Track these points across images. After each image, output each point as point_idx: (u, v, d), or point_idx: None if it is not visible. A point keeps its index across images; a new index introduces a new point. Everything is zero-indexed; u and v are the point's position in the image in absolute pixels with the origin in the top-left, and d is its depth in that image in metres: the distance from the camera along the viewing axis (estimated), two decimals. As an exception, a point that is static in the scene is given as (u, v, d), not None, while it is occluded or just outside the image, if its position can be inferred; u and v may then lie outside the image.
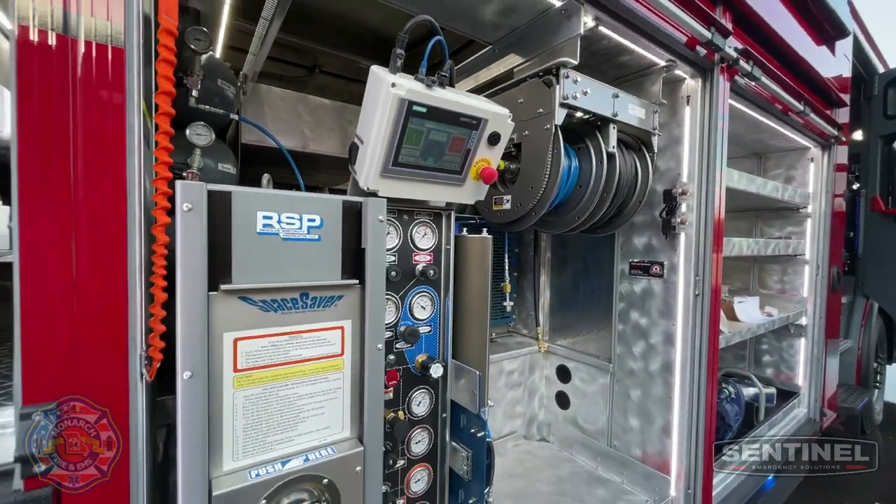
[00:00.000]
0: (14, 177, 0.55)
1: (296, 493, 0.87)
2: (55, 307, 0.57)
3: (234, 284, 0.81)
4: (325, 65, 3.01)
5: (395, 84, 0.93)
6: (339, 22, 2.32)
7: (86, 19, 0.52)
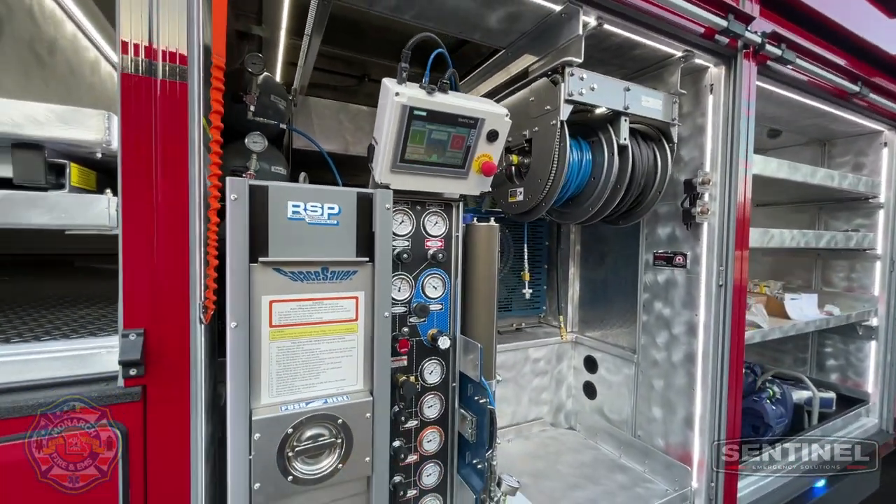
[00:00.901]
0: (119, 176, 0.81)
1: (316, 428, 1.08)
2: (144, 266, 0.82)
3: (269, 258, 1.04)
4: (374, 73, 3.28)
5: (398, 93, 1.10)
6: (385, 33, 2.55)
7: (163, 66, 0.76)
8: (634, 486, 1.90)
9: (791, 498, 1.99)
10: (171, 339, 0.83)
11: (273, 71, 2.58)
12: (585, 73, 1.51)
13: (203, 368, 0.89)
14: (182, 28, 0.81)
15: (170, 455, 0.83)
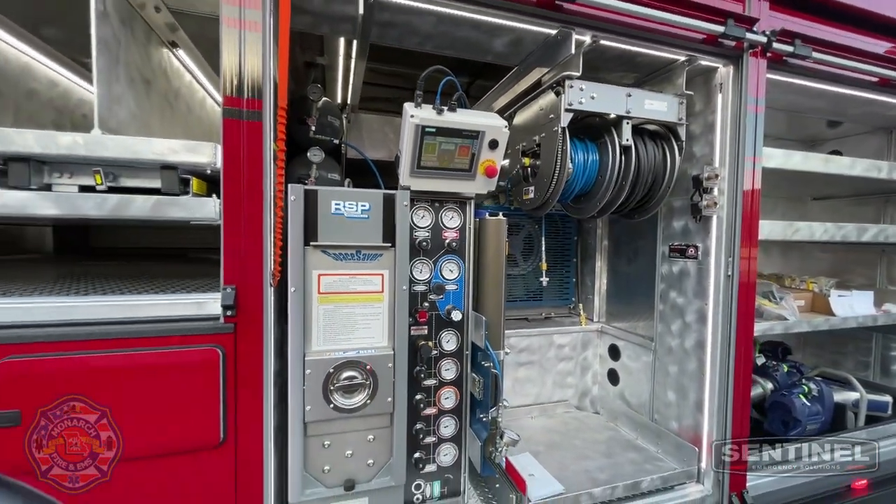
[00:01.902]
0: (221, 186, 1.22)
1: (351, 370, 1.44)
2: (235, 244, 1.22)
3: (318, 242, 1.41)
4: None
5: (413, 115, 1.42)
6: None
7: (247, 112, 1.15)
8: (644, 463, 2.03)
9: (810, 496, 1.98)
10: (251, 295, 1.22)
11: (334, 89, 3.02)
12: (585, 84, 1.71)
13: (272, 317, 1.27)
14: (259, 87, 1.20)
15: (251, 372, 1.23)
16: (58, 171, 1.16)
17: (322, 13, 1.49)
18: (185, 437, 1.15)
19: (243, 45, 1.16)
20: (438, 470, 1.71)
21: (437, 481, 1.73)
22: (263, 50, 1.18)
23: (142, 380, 1.11)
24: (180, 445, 1.15)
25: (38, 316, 1.08)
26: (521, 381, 2.57)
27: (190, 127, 1.94)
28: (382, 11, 1.46)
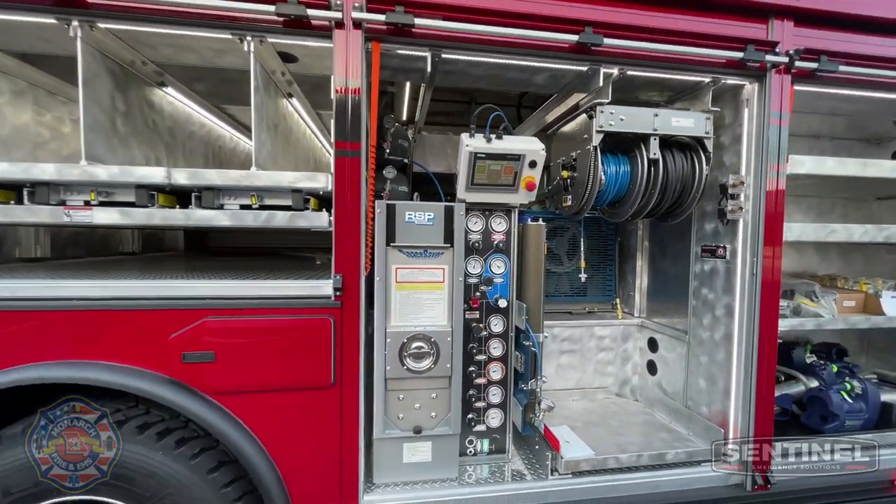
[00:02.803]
0: (333, 203, 1.71)
1: (419, 341, 1.87)
2: (342, 244, 1.71)
3: (396, 243, 1.86)
4: (479, 98, 4.04)
5: (467, 144, 1.83)
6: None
7: (350, 152, 1.63)
8: (673, 441, 2.26)
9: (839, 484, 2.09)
10: (352, 281, 1.69)
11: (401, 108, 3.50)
12: (614, 108, 2.00)
13: (363, 299, 1.74)
14: (358, 133, 1.67)
15: (351, 337, 1.70)
16: (227, 195, 1.72)
17: (399, 68, 1.94)
18: (310, 378, 1.65)
19: (348, 104, 1.64)
20: (487, 430, 2.10)
21: (486, 439, 2.12)
22: (361, 107, 1.65)
23: (283, 336, 1.63)
24: (307, 384, 1.66)
25: (218, 292, 1.64)
26: (564, 367, 2.88)
27: (298, 156, 2.51)
28: (446, 64, 1.88)
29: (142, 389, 1.50)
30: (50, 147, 2.19)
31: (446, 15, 1.66)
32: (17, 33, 1.70)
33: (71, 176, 1.58)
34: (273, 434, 1.64)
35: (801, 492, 2.10)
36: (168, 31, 1.58)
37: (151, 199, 1.65)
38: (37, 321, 1.52)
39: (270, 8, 1.53)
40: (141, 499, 1.56)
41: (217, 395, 1.59)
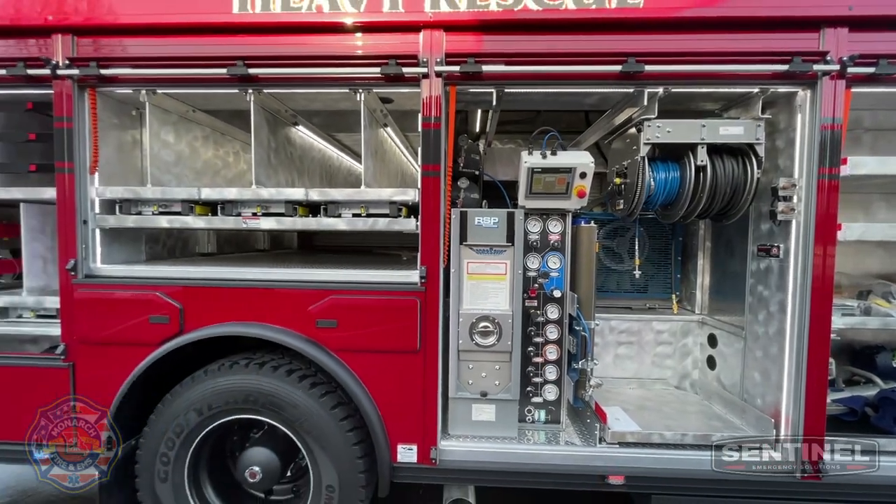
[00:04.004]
0: (420, 211, 2.22)
1: (485, 322, 2.31)
2: (426, 243, 2.21)
3: (467, 242, 2.32)
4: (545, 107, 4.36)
5: (526, 161, 2.22)
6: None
7: (432, 173, 2.12)
8: (724, 429, 2.41)
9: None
10: (433, 271, 2.19)
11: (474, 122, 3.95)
12: (661, 122, 2.24)
13: (442, 287, 2.23)
14: (438, 157, 2.16)
15: (432, 314, 2.20)
16: (345, 207, 2.32)
17: (470, 101, 2.40)
18: (402, 344, 2.19)
19: (430, 135, 2.14)
20: (544, 402, 2.47)
21: (542, 410, 2.49)
22: (441, 137, 2.14)
23: (383, 311, 2.19)
24: (400, 348, 2.19)
25: (340, 278, 2.25)
26: (621, 357, 3.11)
27: (390, 171, 3.11)
28: (508, 95, 2.29)
29: (292, 344, 2.16)
30: (222, 173, 3.04)
31: (507, 61, 2.08)
32: (210, 99, 2.49)
33: (246, 196, 2.30)
34: (376, 384, 2.21)
35: (847, 487, 2.13)
36: (307, 91, 2.22)
37: (294, 211, 2.32)
38: (225, 295, 2.26)
39: (377, 70, 2.08)
40: (288, 421, 2.22)
41: (338, 351, 2.20)
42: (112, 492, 2.31)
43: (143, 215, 2.37)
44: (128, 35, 2.18)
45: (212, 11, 2.14)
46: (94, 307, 2.25)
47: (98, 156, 2.28)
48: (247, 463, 2.32)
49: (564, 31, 2.08)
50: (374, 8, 2.10)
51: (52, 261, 2.55)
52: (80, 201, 2.25)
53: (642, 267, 3.22)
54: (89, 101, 2.25)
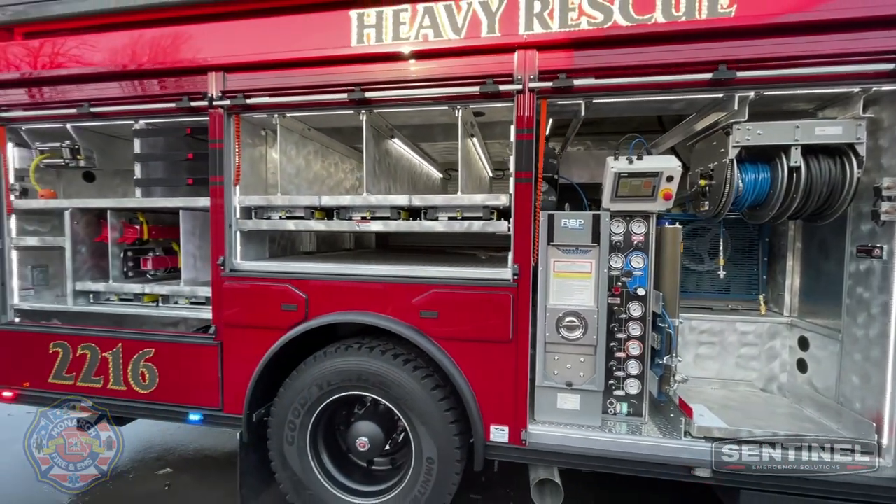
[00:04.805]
0: (512, 214, 2.45)
1: (571, 316, 2.48)
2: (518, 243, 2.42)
3: (554, 242, 2.51)
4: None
5: (612, 166, 2.36)
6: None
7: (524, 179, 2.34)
8: (818, 432, 2.39)
9: None
10: (524, 269, 2.40)
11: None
12: (751, 124, 2.28)
13: (531, 281, 2.44)
14: (530, 164, 2.37)
15: (522, 309, 2.41)
16: (442, 211, 2.60)
17: (557, 111, 2.58)
18: (495, 334, 2.43)
19: (523, 146, 2.35)
20: (626, 395, 2.59)
21: (624, 403, 2.61)
22: (532, 147, 2.35)
23: (479, 304, 2.44)
24: (493, 338, 2.43)
25: (440, 274, 2.53)
26: (702, 357, 3.12)
27: (473, 176, 3.37)
28: (595, 105, 2.45)
29: (402, 332, 2.48)
30: (326, 182, 3.47)
31: (597, 74, 2.24)
32: (325, 119, 2.89)
33: (357, 202, 2.66)
34: (472, 369, 2.47)
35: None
36: (413, 109, 2.53)
37: (398, 215, 2.64)
38: (341, 287, 2.63)
39: (476, 88, 2.34)
40: (394, 398, 2.54)
41: (439, 339, 2.49)
42: (249, 451, 2.78)
43: (272, 220, 2.82)
44: (266, 69, 2.62)
45: (334, 46, 2.51)
46: (237, 296, 2.72)
47: (240, 170, 2.75)
48: (356, 434, 2.68)
49: (654, 43, 2.20)
50: (473, 34, 2.36)
51: (200, 257, 3.09)
52: (227, 208, 2.73)
53: (724, 267, 3.21)
54: (234, 125, 2.72)
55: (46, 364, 2.99)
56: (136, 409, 2.91)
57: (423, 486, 2.54)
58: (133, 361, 2.86)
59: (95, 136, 3.21)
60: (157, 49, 2.76)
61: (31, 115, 2.95)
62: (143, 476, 3.43)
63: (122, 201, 3.00)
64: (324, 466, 2.77)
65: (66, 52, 2.88)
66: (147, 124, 2.90)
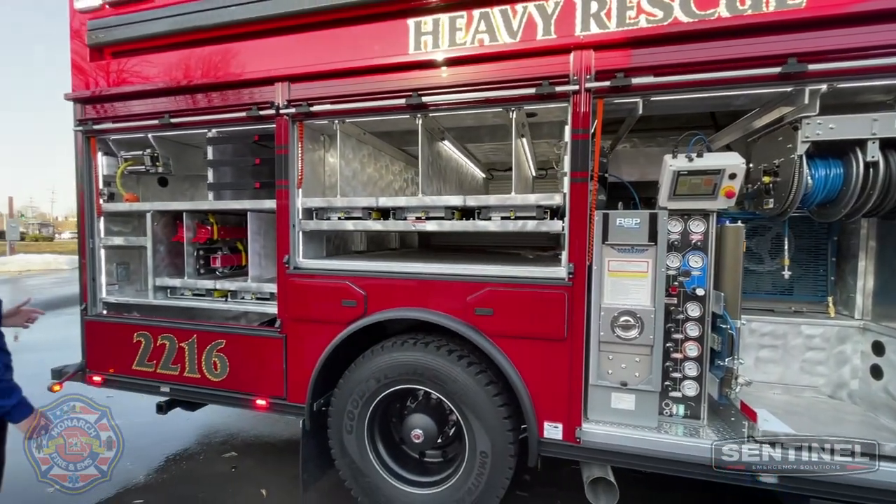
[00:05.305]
0: (567, 212, 2.47)
1: (627, 315, 2.47)
2: (573, 242, 2.45)
3: (609, 241, 2.51)
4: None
5: (671, 164, 2.34)
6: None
7: (579, 178, 2.36)
8: (894, 439, 2.26)
9: None
10: (580, 268, 2.42)
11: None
12: (822, 118, 2.19)
13: (586, 281, 2.45)
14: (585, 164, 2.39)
15: (577, 308, 2.43)
16: (494, 211, 2.66)
17: (612, 110, 2.57)
18: (550, 332, 2.46)
19: (579, 145, 2.37)
20: (682, 397, 2.55)
21: (681, 405, 2.57)
22: (588, 146, 2.37)
23: (534, 302, 2.48)
24: (548, 336, 2.47)
25: (495, 273, 2.59)
26: (763, 360, 3.01)
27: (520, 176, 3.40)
28: (653, 103, 2.42)
29: (456, 328, 2.56)
30: (377, 184, 3.61)
31: (656, 72, 2.23)
32: (379, 123, 3.01)
33: (412, 203, 2.77)
34: (526, 366, 2.51)
35: None
36: (467, 112, 2.61)
37: (452, 215, 2.72)
38: (397, 284, 2.74)
39: (531, 90, 2.38)
40: (449, 393, 2.63)
41: (493, 336, 2.55)
42: (309, 439, 2.95)
43: (331, 220, 2.97)
44: (328, 78, 2.77)
45: (392, 54, 2.62)
46: (301, 292, 2.89)
47: (303, 174, 2.92)
48: (411, 426, 2.79)
49: (717, 39, 2.16)
50: (528, 36, 2.40)
51: (265, 256, 3.30)
52: (291, 210, 2.91)
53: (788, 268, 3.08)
54: (298, 131, 2.90)
55: (131, 352, 3.29)
56: (209, 395, 3.15)
57: (476, 479, 2.61)
58: (206, 351, 3.10)
59: (171, 145, 3.50)
60: (229, 63, 2.98)
61: (119, 126, 3.25)
62: (210, 458, 3.70)
63: (197, 204, 3.25)
64: (380, 456, 2.89)
65: (149, 68, 3.17)
66: (218, 132, 3.13)
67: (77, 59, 3.34)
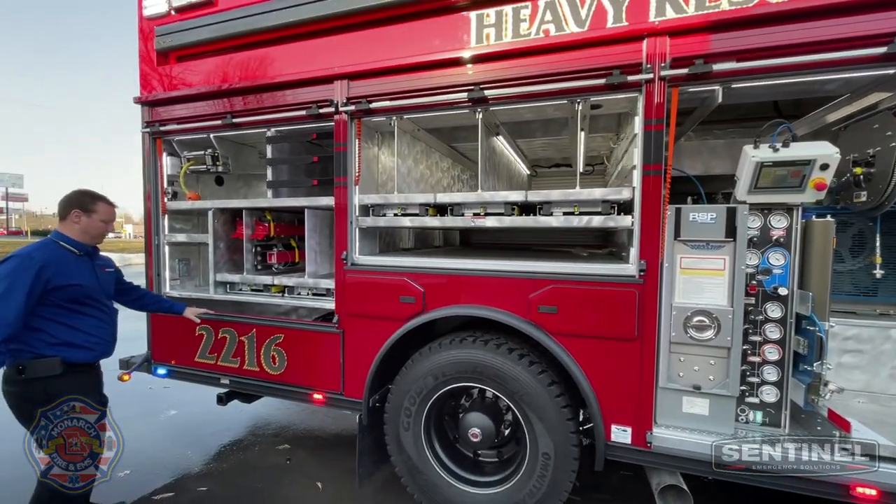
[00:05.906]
0: (638, 207, 2.37)
1: (700, 315, 2.34)
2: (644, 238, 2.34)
3: (681, 238, 2.38)
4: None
5: (753, 155, 2.19)
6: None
7: (652, 171, 2.26)
8: None
9: None
10: (652, 265, 2.32)
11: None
12: (931, 104, 2.00)
13: (658, 279, 2.34)
14: (658, 157, 2.28)
15: (648, 306, 2.32)
16: (556, 207, 2.59)
17: (686, 99, 2.45)
18: (619, 332, 2.37)
19: (652, 137, 2.27)
20: (761, 404, 2.40)
21: (759, 411, 2.41)
22: (661, 138, 2.26)
23: (601, 301, 2.39)
24: (617, 335, 2.37)
25: (559, 270, 2.52)
26: (846, 366, 2.80)
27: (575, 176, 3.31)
28: (733, 90, 2.29)
29: (519, 326, 2.50)
30: (429, 181, 3.60)
31: (739, 57, 2.10)
32: (434, 120, 2.99)
33: (470, 199, 2.73)
34: (593, 367, 2.43)
35: None
36: (529, 105, 2.54)
37: (512, 211, 2.67)
38: (456, 281, 2.71)
39: (601, 80, 2.29)
40: (510, 392, 2.57)
41: (557, 335, 2.48)
42: (366, 434, 2.97)
43: (387, 217, 2.98)
44: (387, 75, 2.77)
45: (453, 48, 2.59)
46: (358, 288, 2.91)
47: (360, 171, 2.94)
48: (469, 424, 2.75)
49: (810, 19, 2.01)
50: (597, 24, 2.32)
51: (321, 252, 3.35)
52: (349, 206, 2.93)
53: (869, 267, 2.85)
54: (356, 129, 2.92)
55: (193, 345, 3.42)
56: (267, 388, 3.22)
57: (538, 481, 2.54)
58: (265, 345, 3.17)
59: (230, 145, 3.61)
60: (288, 63, 3.04)
61: (183, 127, 3.38)
62: (265, 450, 3.80)
63: (256, 201, 3.34)
64: (437, 453, 2.87)
65: (212, 70, 3.27)
66: (276, 131, 3.20)
67: (144, 64, 3.49)
